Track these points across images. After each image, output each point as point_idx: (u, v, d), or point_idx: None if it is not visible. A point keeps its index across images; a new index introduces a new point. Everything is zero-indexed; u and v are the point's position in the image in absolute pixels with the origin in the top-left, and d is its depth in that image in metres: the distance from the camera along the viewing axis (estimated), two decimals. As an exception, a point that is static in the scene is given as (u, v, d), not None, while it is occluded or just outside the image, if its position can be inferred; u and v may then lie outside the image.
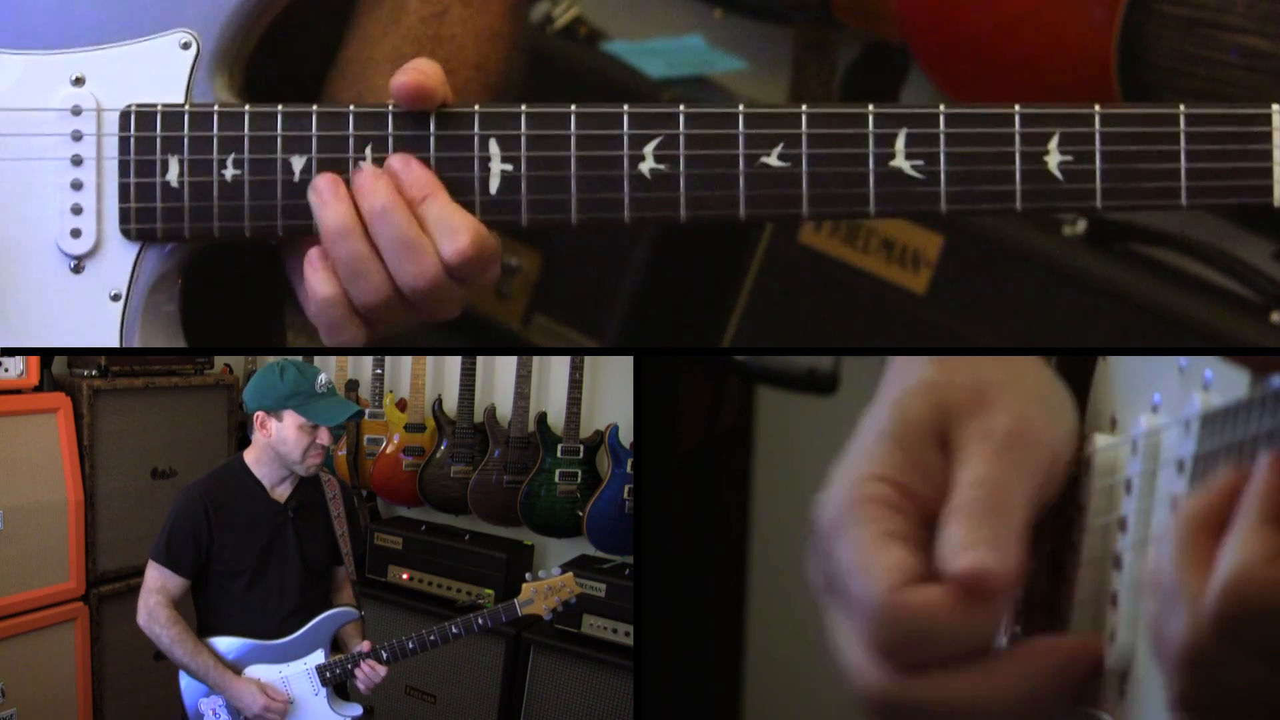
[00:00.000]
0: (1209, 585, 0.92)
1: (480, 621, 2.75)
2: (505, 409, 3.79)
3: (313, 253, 1.48)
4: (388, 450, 3.95)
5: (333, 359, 3.99)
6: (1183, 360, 1.14)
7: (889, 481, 1.13)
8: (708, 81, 3.26)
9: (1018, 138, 1.41)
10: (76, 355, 3.47)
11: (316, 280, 1.48)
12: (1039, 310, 2.71)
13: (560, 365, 3.72)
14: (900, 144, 1.42)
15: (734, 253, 2.95)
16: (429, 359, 3.96)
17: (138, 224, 1.50)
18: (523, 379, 3.74)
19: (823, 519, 1.13)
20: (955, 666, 1.08)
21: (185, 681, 2.70)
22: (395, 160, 1.46)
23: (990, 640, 1.09)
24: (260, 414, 2.68)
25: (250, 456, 2.74)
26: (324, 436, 2.66)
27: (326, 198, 1.45)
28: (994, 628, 1.09)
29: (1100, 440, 1.20)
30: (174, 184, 1.48)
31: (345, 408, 2.69)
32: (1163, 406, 1.16)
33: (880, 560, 1.09)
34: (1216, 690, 0.94)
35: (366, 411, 4.00)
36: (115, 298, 1.51)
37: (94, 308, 1.52)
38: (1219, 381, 1.09)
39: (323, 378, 2.66)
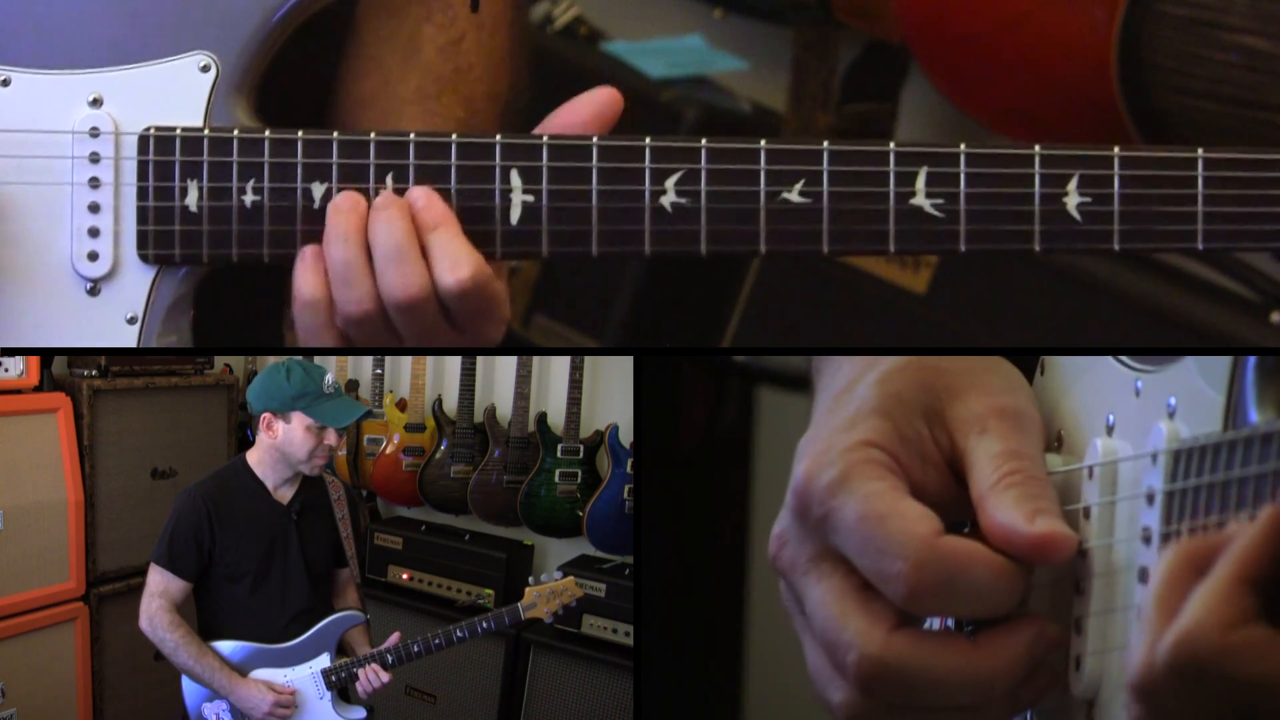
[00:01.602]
0: (1167, 629, 0.93)
1: (484, 625, 2.75)
2: (505, 409, 3.79)
3: (307, 248, 1.47)
4: (388, 450, 3.95)
5: (333, 359, 3.98)
6: (1139, 381, 1.14)
7: (880, 448, 1.13)
8: (708, 81, 3.26)
9: (1037, 178, 1.41)
10: (77, 355, 3.46)
11: (304, 279, 1.47)
12: (1039, 310, 2.71)
13: (560, 365, 3.73)
14: (921, 182, 1.42)
15: (734, 253, 2.95)
16: (429, 359, 3.96)
17: (155, 248, 1.49)
18: (523, 379, 3.74)
19: (817, 481, 1.10)
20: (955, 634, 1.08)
21: (187, 685, 2.69)
22: (416, 190, 1.45)
23: (1014, 606, 1.09)
24: (267, 415, 2.67)
25: (253, 458, 2.73)
26: (330, 437, 2.65)
27: (342, 207, 1.45)
28: (1019, 598, 1.09)
29: (1049, 461, 1.19)
30: (192, 208, 1.48)
31: (353, 408, 2.68)
32: (1118, 429, 1.15)
33: (910, 507, 1.08)
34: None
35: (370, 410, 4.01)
36: (132, 321, 1.51)
37: (110, 331, 1.51)
38: (1184, 410, 1.09)
39: (329, 378, 2.65)
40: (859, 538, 1.08)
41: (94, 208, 1.49)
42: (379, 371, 4.04)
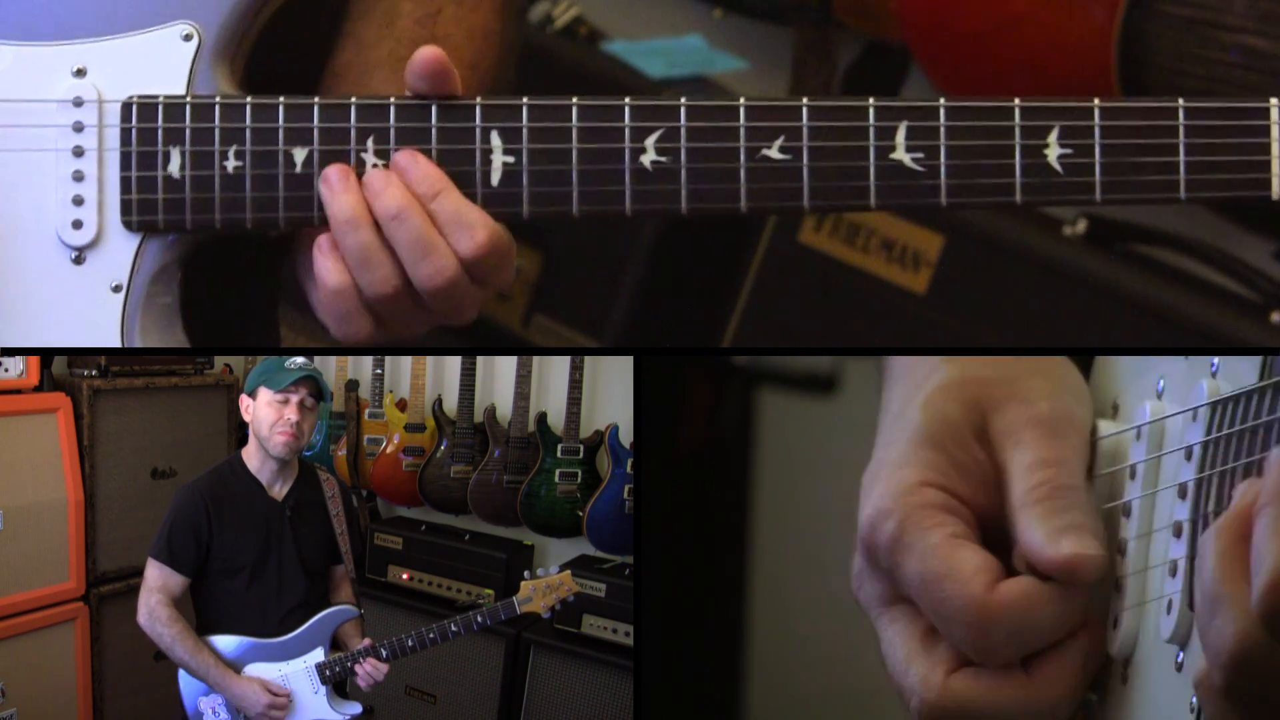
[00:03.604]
0: (1253, 586, 0.93)
1: (480, 619, 2.75)
2: (505, 409, 3.79)
3: (322, 238, 1.47)
4: (388, 450, 3.95)
5: (333, 359, 3.98)
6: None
7: (938, 487, 1.14)
8: (707, 81, 3.26)
9: (1018, 131, 1.41)
10: (77, 355, 3.47)
11: (325, 268, 1.47)
12: (1039, 310, 2.71)
13: (560, 365, 3.72)
14: (901, 137, 1.42)
15: (734, 252, 2.96)
16: (429, 359, 3.96)
17: (139, 215, 1.50)
18: (523, 379, 3.74)
19: (880, 534, 1.14)
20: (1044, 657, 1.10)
21: (184, 680, 2.70)
22: (403, 157, 1.45)
23: (1081, 623, 1.11)
24: (244, 398, 2.74)
25: (247, 454, 2.76)
26: (291, 413, 2.66)
27: (336, 188, 1.45)
28: (1086, 610, 1.11)
29: (1103, 427, 1.20)
30: (175, 175, 1.48)
31: (301, 373, 2.67)
32: (1166, 393, 1.16)
33: (965, 562, 1.10)
34: (1265, 685, 0.95)
35: (368, 411, 4.00)
36: (116, 289, 1.51)
37: (95, 299, 1.51)
38: (1226, 368, 1.09)
39: (299, 359, 2.67)
40: (923, 600, 1.12)
41: (78, 176, 1.50)
42: (379, 371, 4.04)
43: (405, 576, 3.84)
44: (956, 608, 1.09)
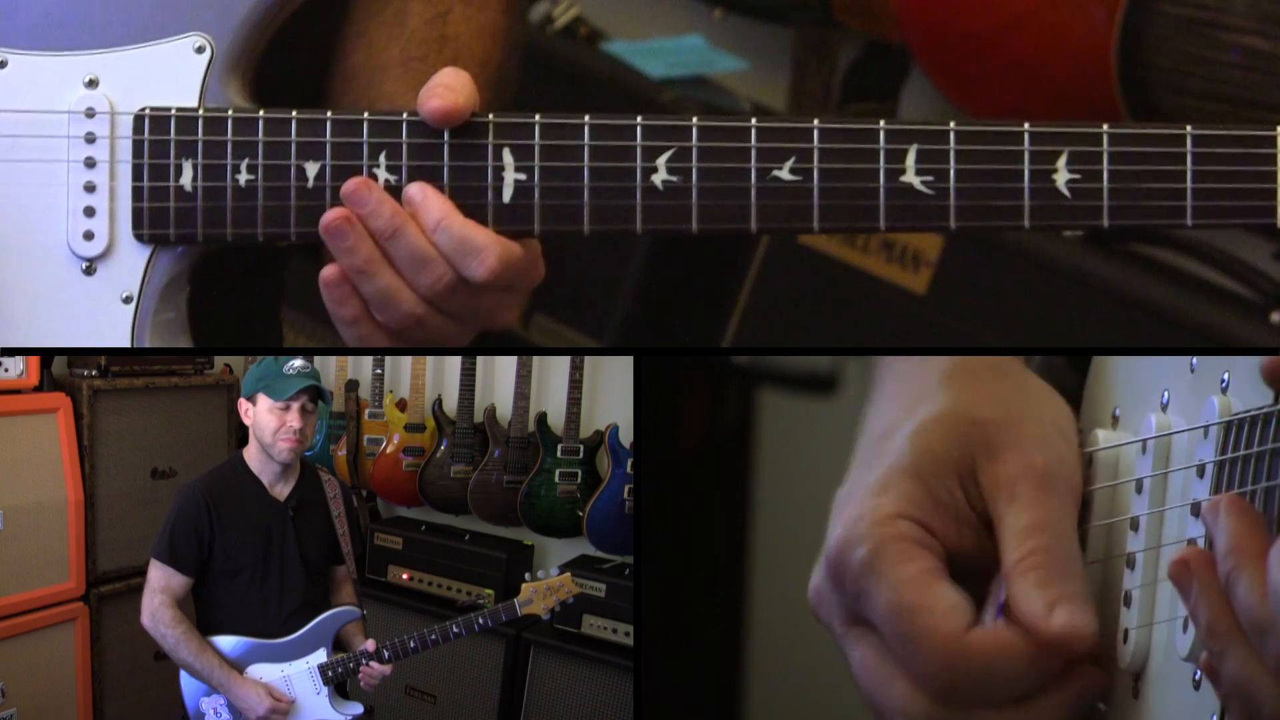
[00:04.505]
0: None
1: (481, 621, 2.75)
2: (505, 409, 3.79)
3: (329, 277, 1.47)
4: (388, 450, 3.95)
5: (333, 359, 3.98)
6: (1194, 359, 1.15)
7: (913, 520, 1.14)
8: (708, 81, 3.26)
9: (1027, 155, 1.41)
10: (77, 355, 3.46)
11: (339, 308, 1.48)
12: (1039, 310, 2.72)
13: (560, 365, 3.72)
14: (911, 160, 1.42)
15: (734, 253, 2.96)
16: (429, 359, 3.96)
17: (150, 227, 1.50)
18: (523, 379, 3.74)
19: (849, 559, 1.13)
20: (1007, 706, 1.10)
21: (186, 680, 2.69)
22: (412, 189, 1.45)
23: (1049, 682, 1.11)
24: (242, 401, 2.73)
25: (248, 454, 2.75)
26: (293, 419, 2.66)
27: (336, 234, 1.44)
28: (1053, 676, 1.11)
29: (1102, 436, 1.20)
30: (187, 188, 1.48)
31: (298, 381, 2.67)
32: (1172, 405, 1.16)
33: (941, 599, 1.10)
34: None
35: (368, 411, 4.00)
36: (127, 300, 1.51)
37: (105, 310, 1.52)
38: (1236, 384, 1.09)
39: (297, 362, 2.67)
40: (891, 630, 1.11)
41: (90, 187, 1.50)
42: (379, 371, 4.04)
43: (405, 576, 3.84)
44: (927, 643, 1.09)
